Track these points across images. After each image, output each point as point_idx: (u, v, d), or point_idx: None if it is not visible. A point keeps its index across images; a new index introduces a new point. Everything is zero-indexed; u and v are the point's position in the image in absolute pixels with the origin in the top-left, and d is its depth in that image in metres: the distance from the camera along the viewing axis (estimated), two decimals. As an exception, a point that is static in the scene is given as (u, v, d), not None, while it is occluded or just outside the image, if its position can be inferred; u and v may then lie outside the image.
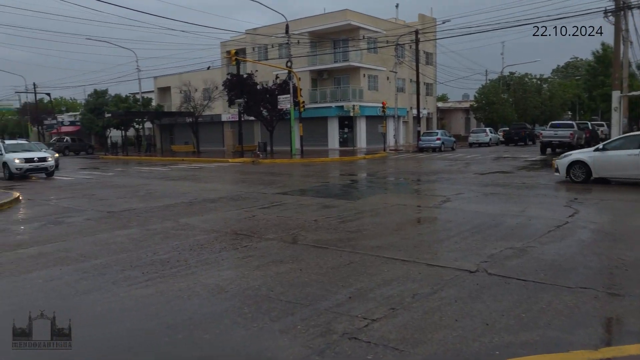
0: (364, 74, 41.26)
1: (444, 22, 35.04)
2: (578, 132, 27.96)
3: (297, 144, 34.14)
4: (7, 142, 24.09)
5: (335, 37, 41.24)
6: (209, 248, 7.80)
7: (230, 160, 31.49)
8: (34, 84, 56.68)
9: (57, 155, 28.04)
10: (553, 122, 31.60)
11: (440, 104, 58.59)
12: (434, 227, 8.86)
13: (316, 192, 14.72)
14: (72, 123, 61.91)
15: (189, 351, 4.22)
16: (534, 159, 25.83)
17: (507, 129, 45.59)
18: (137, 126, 51.30)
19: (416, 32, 37.92)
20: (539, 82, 60.95)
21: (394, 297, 5.23)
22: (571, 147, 27.24)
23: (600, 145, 14.68)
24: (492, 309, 4.85)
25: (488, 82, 64.09)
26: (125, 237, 8.90)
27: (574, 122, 29.99)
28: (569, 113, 71.80)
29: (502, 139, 43.94)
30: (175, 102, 50.75)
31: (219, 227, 9.49)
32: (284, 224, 9.55)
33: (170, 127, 54.20)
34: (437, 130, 39.74)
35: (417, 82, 38.87)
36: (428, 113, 50.75)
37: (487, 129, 43.47)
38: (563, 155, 15.73)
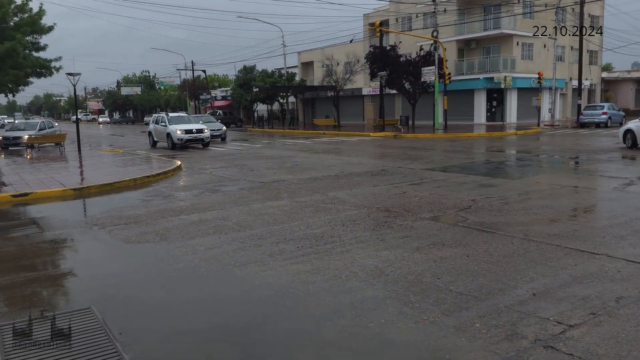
0: (517, 42, 37.90)
1: (617, -21, 30.53)
2: None
3: (440, 118, 32.65)
4: (170, 114, 26.23)
5: (486, 2, 38.32)
6: (362, 224, 7.43)
7: (371, 134, 31.13)
8: (192, 62, 61.37)
9: (224, 128, 29.90)
10: None
11: (604, 74, 52.13)
12: (621, 215, 7.51)
13: (468, 169, 13.67)
14: (223, 98, 66.29)
15: (354, 340, 3.83)
16: None
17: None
18: (281, 100, 53.23)
19: (581, -7, 33.68)
20: None
21: (591, 299, 4.34)
22: None
23: None
24: None
25: (666, 47, 55.43)
26: (277, 208, 8.91)
27: None
28: None
29: (684, 114, 37.67)
30: (317, 76, 51.58)
31: (369, 203, 9.10)
32: (438, 203, 8.85)
33: (312, 100, 55.41)
34: (602, 104, 35.24)
35: (580, 50, 34.67)
36: (590, 84, 45.40)
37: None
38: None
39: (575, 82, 38.18)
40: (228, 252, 6.27)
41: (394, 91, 37.50)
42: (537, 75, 34.20)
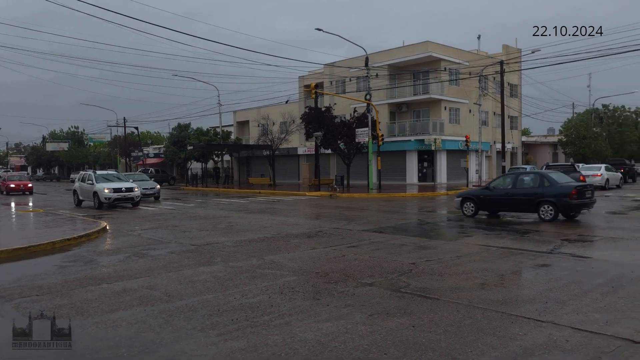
0: (445, 107, 39.92)
1: (533, 52, 33.20)
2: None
3: (374, 178, 33.23)
4: (98, 172, 25.00)
5: (415, 69, 40.41)
6: (302, 292, 7.01)
7: (307, 193, 31.05)
8: (124, 119, 59.91)
9: (158, 186, 28.78)
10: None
11: (524, 138, 55.75)
12: (559, 278, 7.57)
13: (405, 230, 13.67)
14: (156, 155, 64.74)
15: None
16: (641, 198, 23.27)
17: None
18: (216, 158, 52.60)
19: (501, 63, 36.29)
20: (634, 115, 56.63)
21: (545, 374, 4.13)
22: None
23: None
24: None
25: (575, 115, 60.50)
26: (210, 274, 8.33)
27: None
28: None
29: (596, 176, 40.41)
30: (253, 135, 51.67)
31: (308, 267, 8.71)
32: (379, 267, 8.62)
33: (247, 159, 55.18)
34: (524, 166, 37.37)
35: (502, 115, 36.96)
36: (512, 147, 48.23)
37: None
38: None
39: (499, 145, 40.37)
40: (154, 327, 5.64)
41: (329, 151, 38.01)
42: (464, 138, 35.88)
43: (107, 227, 14.85)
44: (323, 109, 35.92)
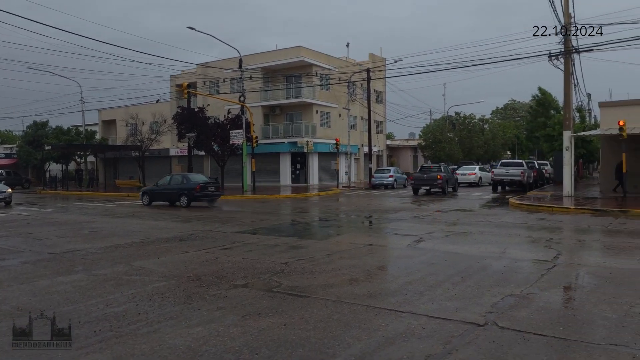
0: (317, 111, 41.16)
1: (395, 62, 35.60)
2: (528, 171, 28.63)
3: (249, 180, 33.21)
4: None
5: (288, 73, 41.14)
6: (172, 298, 6.82)
7: (179, 196, 30.03)
8: (-34, 114, 53.18)
9: (9, 190, 25.80)
10: (504, 160, 32.32)
11: (388, 142, 59.45)
12: (417, 271, 8.23)
13: (279, 231, 13.88)
14: (7, 156, 58.32)
15: None
16: (487, 197, 26.08)
17: (455, 167, 46.42)
18: (79, 160, 48.84)
19: (368, 71, 38.39)
20: (480, 122, 63.37)
21: (404, 360, 4.48)
22: (522, 185, 27.86)
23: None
24: (520, 372, 4.20)
25: (432, 121, 66.01)
26: (69, 284, 7.74)
27: (523, 161, 30.71)
28: (509, 153, 74.83)
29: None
30: (120, 136, 48.82)
31: (179, 272, 8.48)
32: (252, 268, 8.66)
33: (114, 161, 51.95)
34: (389, 168, 39.84)
35: (369, 120, 39.11)
36: (378, 150, 51.18)
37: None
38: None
39: (366, 148, 42.60)
40: (2, 346, 5.11)
41: (203, 152, 37.25)
42: (334, 141, 37.33)
43: (-56, 237, 13.08)
44: (196, 110, 35.11)
